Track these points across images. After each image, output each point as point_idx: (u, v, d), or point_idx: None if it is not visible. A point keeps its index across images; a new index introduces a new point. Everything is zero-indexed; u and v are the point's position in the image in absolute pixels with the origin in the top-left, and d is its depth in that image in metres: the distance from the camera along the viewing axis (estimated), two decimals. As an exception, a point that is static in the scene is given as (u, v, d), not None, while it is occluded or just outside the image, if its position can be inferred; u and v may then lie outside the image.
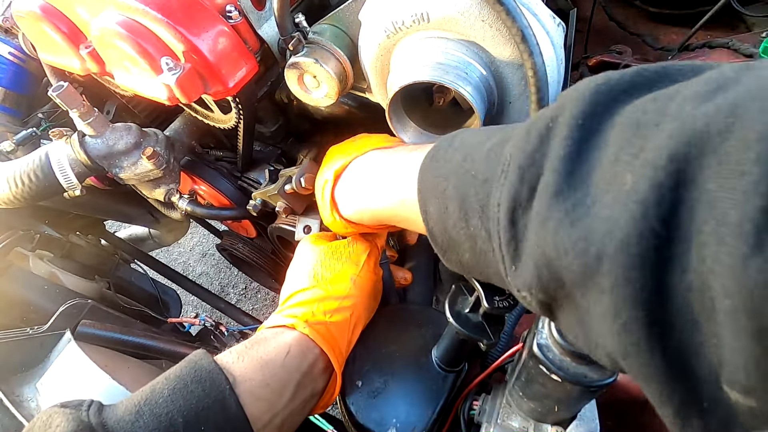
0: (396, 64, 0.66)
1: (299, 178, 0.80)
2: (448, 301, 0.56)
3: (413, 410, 0.62)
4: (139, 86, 0.75)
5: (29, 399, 0.68)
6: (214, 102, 0.92)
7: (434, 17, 0.60)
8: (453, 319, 0.54)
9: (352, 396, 0.64)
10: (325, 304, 0.64)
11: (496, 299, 0.50)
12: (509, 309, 0.50)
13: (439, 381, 0.65)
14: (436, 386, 0.64)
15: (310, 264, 0.70)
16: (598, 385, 0.42)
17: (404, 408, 0.62)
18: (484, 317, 0.54)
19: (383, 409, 0.62)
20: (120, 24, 0.67)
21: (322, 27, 0.71)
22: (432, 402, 0.63)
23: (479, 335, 0.53)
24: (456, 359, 0.65)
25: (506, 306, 0.50)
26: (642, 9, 1.30)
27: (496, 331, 0.54)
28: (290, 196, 0.85)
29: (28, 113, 1.19)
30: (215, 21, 0.70)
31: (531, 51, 0.55)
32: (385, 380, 0.65)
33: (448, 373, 0.65)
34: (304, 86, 0.74)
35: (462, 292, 0.57)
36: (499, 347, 0.72)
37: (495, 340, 0.53)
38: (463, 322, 0.54)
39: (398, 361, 0.66)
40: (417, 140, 0.69)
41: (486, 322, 0.54)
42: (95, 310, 0.90)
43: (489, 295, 0.50)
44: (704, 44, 1.01)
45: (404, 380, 0.65)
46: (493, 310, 0.50)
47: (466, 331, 0.54)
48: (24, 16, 0.79)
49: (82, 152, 0.83)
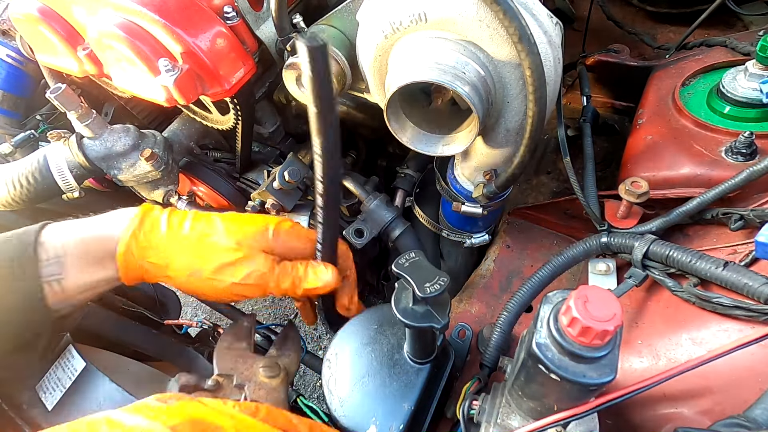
0: (394, 65, 0.66)
1: (283, 173, 0.80)
2: (394, 299, 0.58)
3: (390, 406, 0.64)
4: (137, 88, 0.75)
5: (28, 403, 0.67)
6: (213, 103, 0.92)
7: (432, 17, 0.60)
8: (401, 316, 0.56)
9: (332, 402, 0.66)
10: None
11: (427, 286, 0.53)
12: (442, 290, 0.53)
13: (412, 375, 0.67)
14: (410, 380, 0.66)
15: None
16: (596, 384, 0.42)
17: (382, 405, 0.64)
18: (427, 304, 0.56)
19: (362, 409, 0.64)
20: (117, 26, 0.67)
21: (320, 27, 0.71)
22: (408, 395, 0.65)
23: (429, 322, 0.56)
24: (424, 351, 0.66)
25: (437, 288, 0.53)
26: (639, 8, 1.30)
27: (442, 312, 0.56)
28: (279, 193, 0.86)
29: (26, 115, 1.19)
30: (213, 22, 0.70)
31: (529, 50, 0.55)
32: (362, 381, 0.67)
33: (421, 365, 0.67)
34: (302, 87, 0.74)
35: (403, 287, 0.58)
36: (494, 344, 0.72)
37: (444, 321, 0.56)
38: (410, 316, 0.56)
39: (374, 361, 0.68)
40: (416, 140, 0.69)
41: (431, 308, 0.56)
42: (94, 312, 0.90)
43: (420, 284, 0.53)
44: (702, 43, 1.01)
45: (380, 378, 0.67)
46: (428, 296, 0.53)
47: (415, 323, 0.56)
48: (21, 18, 0.79)
49: (81, 154, 0.83)
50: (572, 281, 0.88)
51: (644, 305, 0.73)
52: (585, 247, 0.76)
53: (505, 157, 0.74)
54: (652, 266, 0.69)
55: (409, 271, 0.55)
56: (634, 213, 0.78)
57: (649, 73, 1.02)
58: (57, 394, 0.68)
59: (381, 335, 0.71)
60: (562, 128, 0.84)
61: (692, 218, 0.73)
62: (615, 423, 0.63)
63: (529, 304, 0.75)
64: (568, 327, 0.40)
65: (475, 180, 0.81)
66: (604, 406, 0.46)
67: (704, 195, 0.70)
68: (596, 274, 0.81)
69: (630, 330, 0.70)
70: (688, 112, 0.82)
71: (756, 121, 0.77)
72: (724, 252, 0.69)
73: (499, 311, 0.75)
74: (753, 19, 1.13)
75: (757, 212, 0.66)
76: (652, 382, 0.48)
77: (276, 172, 0.86)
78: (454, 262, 1.13)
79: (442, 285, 0.54)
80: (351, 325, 0.73)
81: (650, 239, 0.69)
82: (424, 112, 0.72)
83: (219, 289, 0.62)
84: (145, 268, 0.61)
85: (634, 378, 0.52)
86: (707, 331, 0.62)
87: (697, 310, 0.64)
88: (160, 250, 0.61)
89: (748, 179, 0.66)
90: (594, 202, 0.80)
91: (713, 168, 0.74)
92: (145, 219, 0.62)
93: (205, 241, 0.62)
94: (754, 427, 0.47)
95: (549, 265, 0.75)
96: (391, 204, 0.97)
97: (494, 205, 0.85)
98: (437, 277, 0.54)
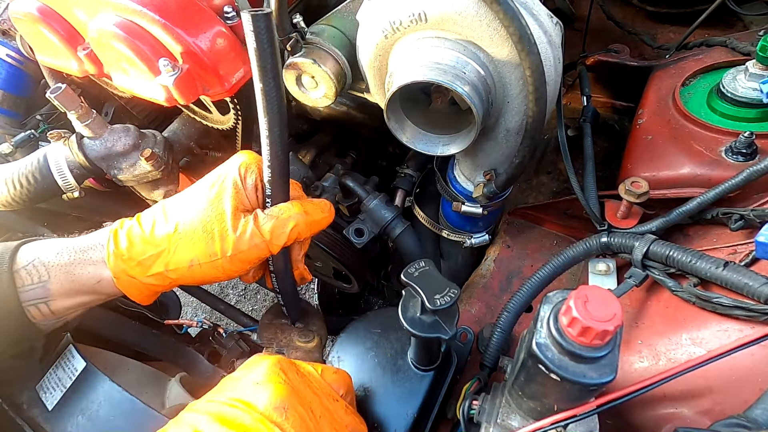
0: (394, 65, 0.66)
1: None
2: (401, 308, 0.57)
3: (393, 412, 0.64)
4: (137, 88, 0.75)
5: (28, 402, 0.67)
6: (213, 103, 0.92)
7: (432, 17, 0.60)
8: (408, 325, 0.55)
9: None
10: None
11: (437, 298, 0.52)
12: (452, 302, 0.52)
13: (416, 381, 0.66)
14: (413, 387, 0.65)
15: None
16: (596, 384, 0.42)
17: (384, 411, 0.64)
18: (436, 314, 0.55)
19: (364, 414, 0.63)
20: (117, 25, 0.67)
21: (320, 27, 0.71)
22: (411, 402, 0.64)
23: (436, 332, 0.55)
24: (428, 358, 0.66)
25: (448, 301, 0.52)
26: (640, 8, 1.30)
27: (450, 322, 0.55)
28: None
29: (27, 115, 1.19)
30: (213, 22, 0.70)
31: (529, 50, 0.55)
32: (364, 387, 0.66)
33: (425, 372, 0.66)
34: (302, 87, 0.74)
35: (411, 295, 0.57)
36: (494, 344, 0.72)
37: (451, 332, 0.55)
38: (418, 325, 0.55)
39: (377, 366, 0.68)
40: (416, 140, 0.69)
41: (439, 319, 0.55)
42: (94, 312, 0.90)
43: (429, 296, 0.52)
44: (702, 43, 1.01)
45: (383, 384, 0.66)
46: (438, 308, 0.52)
47: (422, 333, 0.55)
48: (21, 18, 0.79)
49: (81, 154, 0.83)
50: (572, 281, 0.88)
51: (644, 305, 0.73)
52: (585, 247, 0.76)
53: (505, 157, 0.74)
54: (652, 266, 0.69)
55: (419, 282, 0.54)
56: (634, 213, 0.78)
57: (649, 73, 1.02)
58: (57, 394, 0.68)
59: (384, 340, 0.70)
60: (562, 128, 0.84)
61: (692, 218, 0.73)
62: (615, 423, 0.63)
63: (529, 304, 0.75)
64: (568, 327, 0.40)
65: (475, 180, 0.81)
66: (605, 407, 0.46)
67: (704, 195, 0.70)
68: (596, 274, 0.81)
69: (630, 330, 0.70)
70: (688, 112, 0.82)
71: (756, 121, 0.77)
72: (724, 252, 0.69)
73: (499, 311, 0.75)
74: (753, 19, 1.13)
75: (757, 212, 0.66)
76: (652, 383, 0.48)
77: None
78: (454, 262, 1.13)
79: (453, 297, 0.53)
80: (354, 328, 0.73)
81: (650, 239, 0.69)
82: (424, 112, 0.72)
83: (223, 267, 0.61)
84: (148, 284, 0.61)
85: (634, 378, 0.52)
86: (707, 331, 0.62)
87: (697, 310, 0.64)
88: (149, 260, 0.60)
89: (748, 179, 0.66)
90: (594, 202, 0.80)
91: (713, 168, 0.74)
92: (118, 239, 0.60)
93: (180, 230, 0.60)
94: (754, 427, 0.47)
95: (549, 265, 0.75)
96: (390, 203, 0.97)
97: (494, 205, 0.85)
98: (447, 288, 0.53)
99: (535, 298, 0.75)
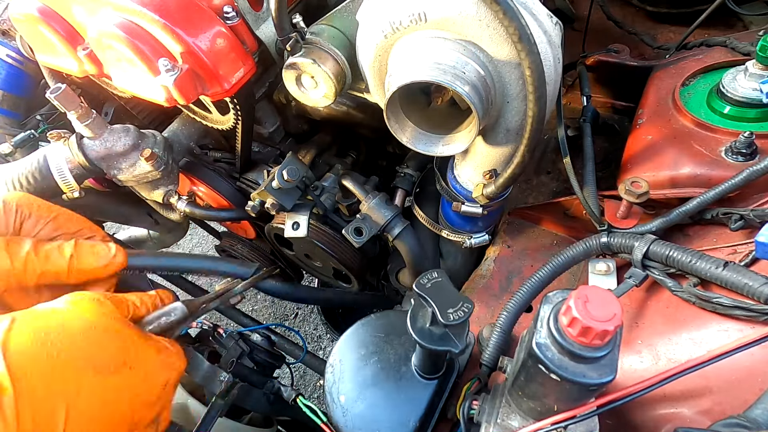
0: (394, 65, 0.66)
1: (281, 172, 0.80)
2: (410, 317, 0.56)
3: (396, 419, 0.63)
4: (137, 88, 0.75)
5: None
6: (213, 103, 0.92)
7: (432, 17, 0.59)
8: (417, 336, 0.54)
9: (335, 410, 0.65)
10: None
11: (450, 312, 0.50)
12: (465, 318, 0.50)
13: (419, 389, 0.65)
14: (416, 395, 0.64)
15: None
16: (596, 384, 0.42)
17: (386, 417, 0.63)
18: (446, 327, 0.53)
19: (366, 420, 0.63)
20: (117, 26, 0.67)
21: (320, 27, 0.71)
22: (414, 410, 0.63)
23: (446, 346, 0.54)
24: (433, 367, 0.65)
25: (461, 316, 0.50)
26: (639, 8, 1.30)
27: (460, 335, 0.54)
28: (278, 192, 0.86)
29: (27, 115, 1.19)
30: (213, 22, 0.70)
31: (529, 50, 0.55)
32: (367, 393, 0.65)
33: (429, 381, 0.65)
34: (302, 87, 0.74)
35: (420, 305, 0.56)
36: (494, 344, 0.72)
37: (461, 346, 0.53)
38: (427, 337, 0.54)
39: (380, 372, 0.67)
40: (415, 140, 0.69)
41: (449, 332, 0.54)
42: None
43: (442, 309, 0.51)
44: (702, 43, 1.01)
45: (386, 391, 0.65)
46: (451, 323, 0.50)
47: (431, 345, 0.54)
48: (21, 19, 0.79)
49: (81, 154, 0.83)
50: (572, 281, 0.88)
51: (644, 305, 0.73)
52: (585, 247, 0.76)
53: (505, 157, 0.74)
54: (652, 266, 0.69)
55: (432, 294, 0.52)
56: (634, 213, 0.78)
57: (649, 73, 1.02)
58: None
59: (388, 345, 0.69)
60: (562, 128, 0.84)
61: (692, 218, 0.73)
62: (615, 423, 0.63)
63: (529, 304, 0.75)
64: (568, 327, 0.40)
65: (475, 180, 0.81)
66: (605, 407, 0.46)
67: (704, 195, 0.70)
68: (596, 274, 0.81)
69: (630, 330, 0.70)
70: (688, 112, 0.82)
71: (756, 121, 0.77)
72: (724, 252, 0.69)
73: (499, 311, 0.75)
74: (753, 19, 1.13)
75: (757, 212, 0.66)
76: (652, 384, 0.48)
77: (275, 171, 0.86)
78: (454, 262, 1.13)
79: (466, 312, 0.51)
80: (356, 331, 0.72)
81: (650, 239, 0.69)
82: (424, 112, 0.72)
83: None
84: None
85: (634, 378, 0.52)
86: (707, 331, 0.62)
87: (697, 310, 0.64)
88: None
89: (748, 179, 0.66)
90: (594, 202, 0.80)
91: (713, 168, 0.74)
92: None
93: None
94: (754, 427, 0.47)
95: (549, 265, 0.75)
96: (390, 203, 0.97)
97: (494, 205, 0.85)
98: (461, 302, 0.52)
99: (534, 298, 0.75)
